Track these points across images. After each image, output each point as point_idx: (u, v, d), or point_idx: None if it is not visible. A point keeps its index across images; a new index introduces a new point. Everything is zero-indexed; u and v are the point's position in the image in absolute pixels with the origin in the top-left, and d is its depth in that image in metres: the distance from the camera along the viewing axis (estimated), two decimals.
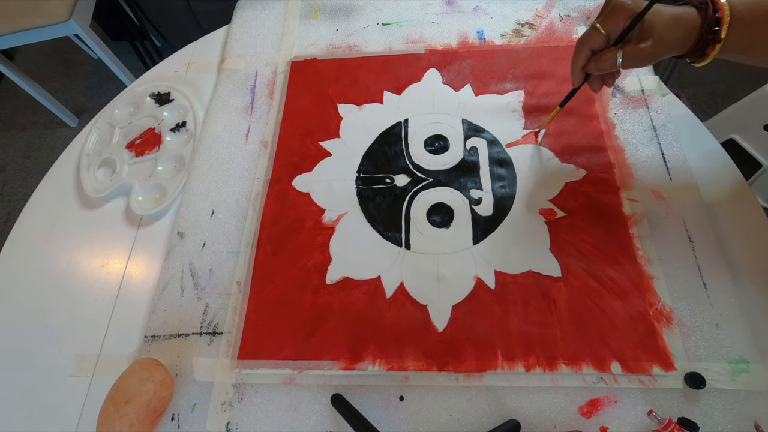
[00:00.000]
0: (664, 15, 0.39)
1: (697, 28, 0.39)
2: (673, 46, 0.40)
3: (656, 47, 0.39)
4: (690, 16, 0.39)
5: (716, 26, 0.38)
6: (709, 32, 0.38)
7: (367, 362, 0.45)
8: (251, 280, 0.51)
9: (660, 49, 0.40)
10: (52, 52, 1.89)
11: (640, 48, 0.40)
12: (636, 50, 0.40)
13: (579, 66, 0.44)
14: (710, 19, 0.38)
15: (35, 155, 1.65)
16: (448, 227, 0.52)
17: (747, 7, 0.38)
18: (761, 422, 0.39)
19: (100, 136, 0.65)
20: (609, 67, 0.42)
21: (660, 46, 0.39)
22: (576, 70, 0.45)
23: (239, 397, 0.45)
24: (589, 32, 0.42)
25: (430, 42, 0.67)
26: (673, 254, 0.47)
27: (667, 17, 0.39)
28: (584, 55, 0.43)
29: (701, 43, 0.39)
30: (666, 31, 0.39)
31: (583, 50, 0.43)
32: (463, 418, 0.42)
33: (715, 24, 0.38)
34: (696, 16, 0.39)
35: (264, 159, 0.59)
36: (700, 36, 0.39)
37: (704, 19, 0.38)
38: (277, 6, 0.74)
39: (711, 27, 0.38)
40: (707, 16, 0.38)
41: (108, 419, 0.42)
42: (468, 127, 0.59)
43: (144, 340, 0.49)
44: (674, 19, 0.39)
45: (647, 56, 0.40)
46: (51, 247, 0.58)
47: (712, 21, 0.38)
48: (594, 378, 0.43)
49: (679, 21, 0.39)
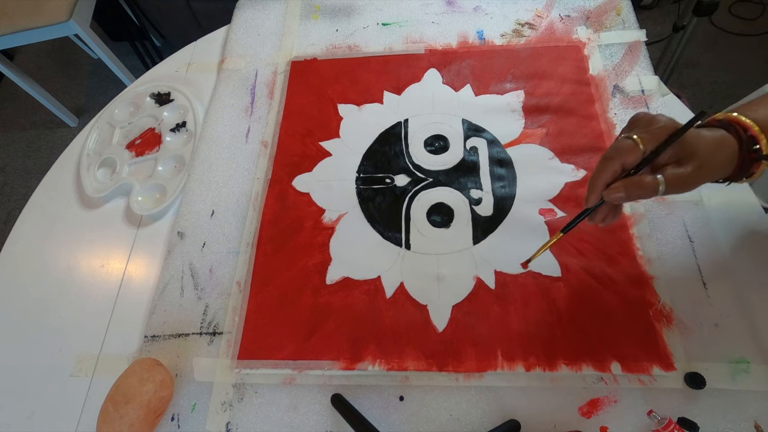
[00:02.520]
0: (707, 138, 0.35)
1: (736, 151, 0.35)
2: (718, 171, 0.36)
3: (702, 172, 0.34)
4: (728, 138, 0.35)
5: (754, 144, 0.35)
6: (750, 151, 0.35)
7: (367, 362, 0.45)
8: (251, 280, 0.51)
9: (705, 174, 0.35)
10: (52, 52, 1.89)
11: (683, 173, 0.34)
12: (679, 176, 0.34)
13: (604, 182, 0.35)
14: (746, 139, 0.35)
15: (35, 155, 1.65)
16: (448, 227, 0.52)
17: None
18: (761, 422, 0.39)
19: (100, 136, 0.65)
20: (647, 194, 0.34)
21: (705, 170, 0.35)
22: (599, 187, 0.36)
23: (239, 397, 0.45)
24: (624, 145, 0.35)
25: (430, 42, 0.67)
26: (673, 254, 0.47)
27: (710, 140, 0.35)
28: (614, 170, 0.35)
29: (746, 163, 0.36)
30: (711, 155, 0.35)
31: (614, 165, 0.35)
32: (463, 418, 0.42)
33: (752, 143, 0.35)
34: (732, 138, 0.35)
35: (264, 159, 0.59)
36: (742, 157, 0.36)
37: (739, 140, 0.35)
38: (277, 6, 0.74)
39: (750, 146, 0.35)
40: (740, 138, 0.35)
41: (108, 419, 0.42)
42: (468, 127, 0.59)
43: (144, 340, 0.49)
44: (717, 142, 0.35)
45: (694, 182, 0.35)
46: (51, 247, 0.58)
47: (749, 140, 0.35)
48: (594, 378, 0.43)
49: (722, 144, 0.35)
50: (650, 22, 1.60)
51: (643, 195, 0.35)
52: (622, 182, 0.35)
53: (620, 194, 0.34)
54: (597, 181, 0.36)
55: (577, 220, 0.39)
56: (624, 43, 0.62)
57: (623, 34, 0.63)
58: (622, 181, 0.35)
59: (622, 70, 0.60)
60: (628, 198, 0.35)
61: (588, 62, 0.61)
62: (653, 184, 0.34)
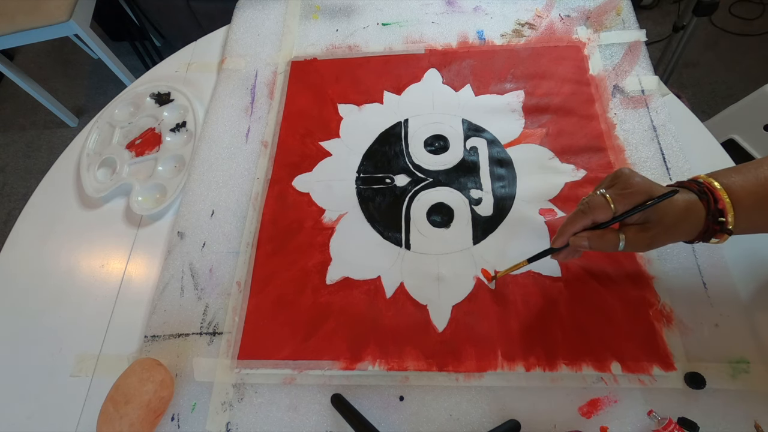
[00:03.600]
0: (678, 205, 0.36)
1: (702, 219, 0.37)
2: (681, 236, 0.38)
3: (664, 237, 0.37)
4: (697, 205, 0.37)
5: (721, 216, 0.36)
6: (715, 223, 0.36)
7: (367, 362, 0.45)
8: (251, 280, 0.51)
9: (666, 239, 0.37)
10: (52, 52, 1.89)
11: (645, 236, 0.37)
12: (640, 238, 0.37)
13: (573, 231, 0.39)
14: (714, 210, 0.36)
15: (35, 155, 1.65)
16: (448, 227, 0.52)
17: (747, 193, 0.36)
18: (761, 422, 0.39)
19: (100, 136, 0.65)
20: (607, 249, 0.38)
21: (667, 236, 0.37)
22: (567, 234, 0.39)
23: (239, 397, 0.45)
24: (597, 202, 0.37)
25: (430, 42, 0.67)
26: (673, 254, 0.47)
27: (679, 208, 0.36)
28: (584, 224, 0.38)
29: (708, 233, 0.37)
30: (676, 223, 0.36)
31: (585, 220, 0.38)
32: (463, 418, 0.42)
33: (719, 215, 0.36)
34: (701, 205, 0.37)
35: (264, 159, 0.59)
36: (706, 227, 0.37)
37: (708, 209, 0.36)
38: (277, 6, 0.74)
39: (716, 218, 0.36)
40: (710, 207, 0.36)
41: (108, 419, 0.42)
42: (468, 127, 0.59)
43: (144, 340, 0.49)
44: (685, 210, 0.36)
45: (649, 244, 0.37)
46: (51, 247, 0.58)
47: (716, 212, 0.36)
48: (594, 378, 0.42)
49: (689, 212, 0.36)
50: (650, 22, 1.60)
51: (605, 249, 0.38)
52: (588, 234, 0.38)
53: (584, 243, 0.38)
54: (567, 228, 0.39)
55: (542, 255, 0.43)
56: (624, 43, 0.62)
57: (623, 34, 0.63)
58: (588, 232, 0.38)
59: (622, 70, 0.60)
60: (591, 248, 0.38)
61: (588, 62, 0.61)
62: (614, 242, 0.37)
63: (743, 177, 0.37)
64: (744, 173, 0.37)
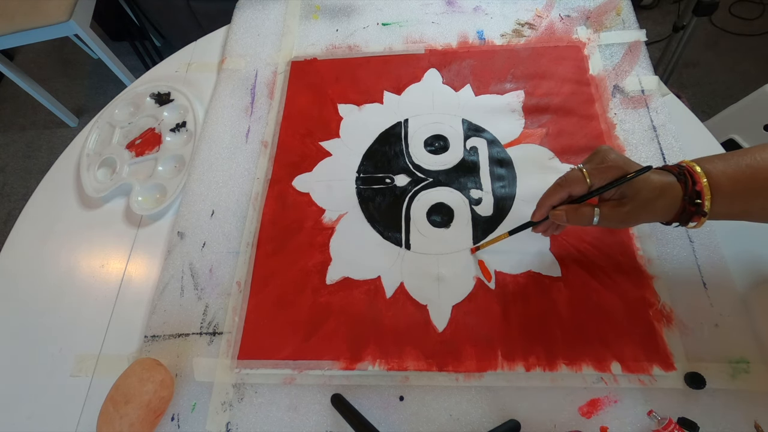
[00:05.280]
0: (653, 182, 0.37)
1: (679, 200, 0.37)
2: (654, 215, 0.39)
3: (636, 213, 0.38)
4: (675, 186, 0.37)
5: (698, 199, 0.37)
6: (691, 204, 0.37)
7: (367, 362, 0.45)
8: (251, 280, 0.51)
9: (640, 216, 0.38)
10: (52, 52, 1.89)
11: (620, 211, 0.38)
12: (615, 213, 0.38)
13: (551, 204, 0.41)
14: (691, 192, 0.37)
15: (35, 155, 1.65)
16: (448, 227, 0.52)
17: (727, 178, 0.36)
18: (761, 422, 0.39)
19: (100, 136, 0.65)
20: (583, 223, 0.39)
21: (640, 212, 0.38)
22: (545, 207, 0.41)
23: (239, 397, 0.45)
24: (573, 176, 0.39)
25: (430, 42, 0.67)
26: (673, 254, 0.47)
27: (654, 185, 0.37)
28: (561, 197, 0.40)
29: (685, 214, 0.38)
30: (651, 200, 0.37)
31: (562, 192, 0.40)
32: (463, 418, 0.42)
33: (696, 197, 0.37)
34: (678, 186, 0.37)
35: (264, 159, 0.59)
36: (683, 208, 0.37)
37: (685, 191, 0.37)
38: (277, 6, 0.74)
39: (693, 199, 0.37)
40: (687, 189, 0.37)
41: (108, 419, 0.42)
42: (468, 127, 0.59)
43: (144, 340, 0.49)
44: (660, 188, 0.37)
45: (624, 220, 0.38)
46: (51, 247, 0.58)
47: (693, 194, 0.37)
48: (594, 378, 0.43)
49: (664, 191, 0.37)
50: (650, 22, 1.60)
51: (581, 223, 0.40)
52: (565, 208, 0.40)
53: (562, 217, 0.40)
54: (545, 201, 0.41)
55: (523, 228, 0.45)
56: (624, 43, 0.62)
57: (623, 34, 0.63)
58: (565, 206, 0.40)
59: (622, 70, 0.60)
60: (568, 222, 0.40)
61: (588, 62, 0.61)
62: (589, 215, 0.39)
63: (726, 163, 0.37)
64: (727, 160, 0.38)
